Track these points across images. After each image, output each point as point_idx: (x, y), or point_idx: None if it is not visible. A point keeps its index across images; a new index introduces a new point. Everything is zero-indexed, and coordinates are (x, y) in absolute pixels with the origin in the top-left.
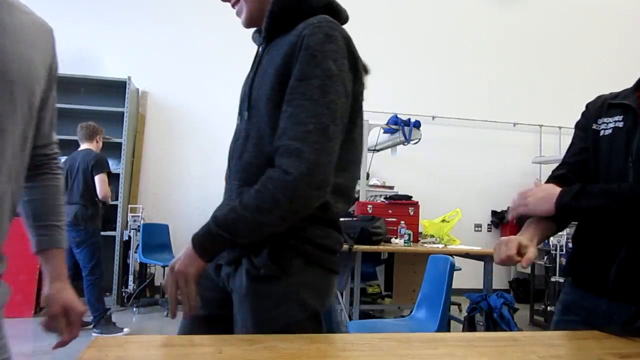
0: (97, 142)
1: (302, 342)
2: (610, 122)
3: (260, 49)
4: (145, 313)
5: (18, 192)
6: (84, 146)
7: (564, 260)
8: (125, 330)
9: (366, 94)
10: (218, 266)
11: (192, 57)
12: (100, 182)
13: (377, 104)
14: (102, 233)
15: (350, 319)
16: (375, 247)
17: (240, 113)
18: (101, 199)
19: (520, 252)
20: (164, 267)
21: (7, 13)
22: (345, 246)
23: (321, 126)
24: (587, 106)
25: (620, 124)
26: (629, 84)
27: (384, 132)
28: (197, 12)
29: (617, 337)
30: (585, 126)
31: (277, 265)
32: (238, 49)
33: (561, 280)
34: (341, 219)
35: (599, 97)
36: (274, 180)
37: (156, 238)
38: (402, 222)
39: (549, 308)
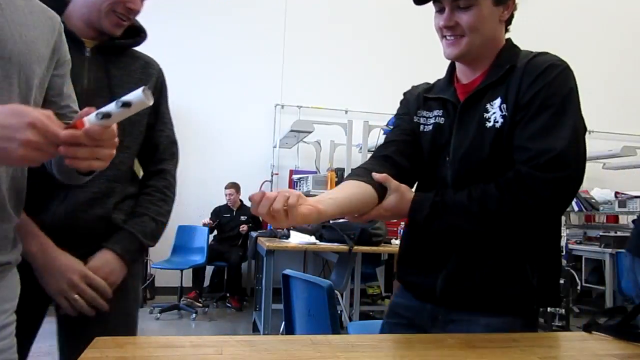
0: None
1: (303, 343)
2: (430, 117)
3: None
4: (147, 314)
5: (19, 174)
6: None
7: (564, 262)
8: None
9: (366, 95)
10: None
11: (192, 58)
12: None
13: (377, 105)
14: None
15: (351, 320)
16: (376, 248)
17: None
18: None
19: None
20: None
21: None
22: (346, 247)
23: None
24: (405, 95)
25: (441, 120)
26: (629, 84)
27: (384, 133)
28: (198, 12)
29: (616, 339)
30: (407, 113)
31: None
32: (238, 50)
33: (561, 281)
34: (341, 220)
35: (414, 88)
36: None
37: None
38: (402, 223)
39: (549, 309)
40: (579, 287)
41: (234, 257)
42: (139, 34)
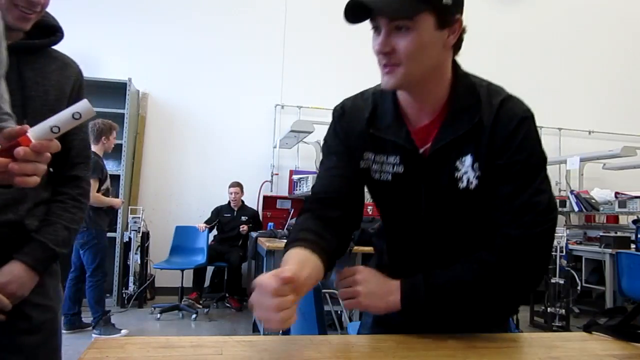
0: (103, 143)
1: (303, 343)
2: (386, 164)
3: None
4: (147, 314)
5: None
6: (91, 149)
7: (564, 262)
8: (124, 332)
9: None
10: None
11: (192, 58)
12: None
13: None
14: None
15: (351, 320)
16: None
17: None
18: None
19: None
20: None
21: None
22: None
23: None
24: (339, 118)
25: (400, 169)
26: (629, 85)
27: None
28: (198, 13)
29: (616, 340)
30: (345, 151)
31: None
32: (238, 50)
33: (561, 281)
34: None
35: (351, 112)
36: None
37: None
38: None
39: (549, 309)
40: (579, 288)
41: (234, 257)
42: (54, 32)
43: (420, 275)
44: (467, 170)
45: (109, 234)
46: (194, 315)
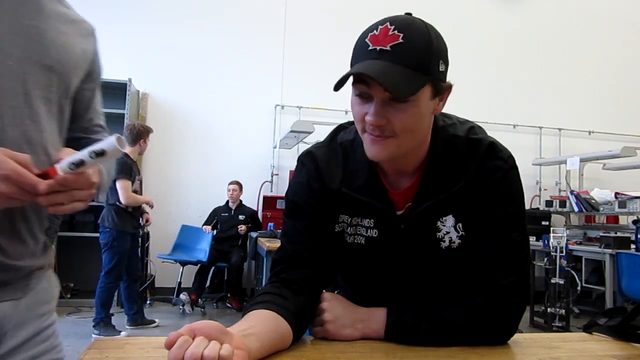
0: (140, 145)
1: (303, 343)
2: (360, 228)
3: None
4: (147, 314)
5: None
6: (125, 150)
7: (564, 262)
8: (123, 334)
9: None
10: None
11: (192, 58)
12: (119, 188)
13: None
14: None
15: None
16: None
17: None
18: (124, 205)
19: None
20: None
21: (48, 1)
22: None
23: None
24: (315, 184)
25: (374, 233)
26: (629, 85)
27: None
28: (198, 14)
29: (615, 340)
30: (314, 210)
31: None
32: (238, 50)
33: (561, 282)
34: None
35: (326, 172)
36: None
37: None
38: None
39: (549, 310)
40: (579, 288)
41: (235, 258)
42: None
43: (410, 312)
44: (449, 230)
45: None
46: (187, 308)
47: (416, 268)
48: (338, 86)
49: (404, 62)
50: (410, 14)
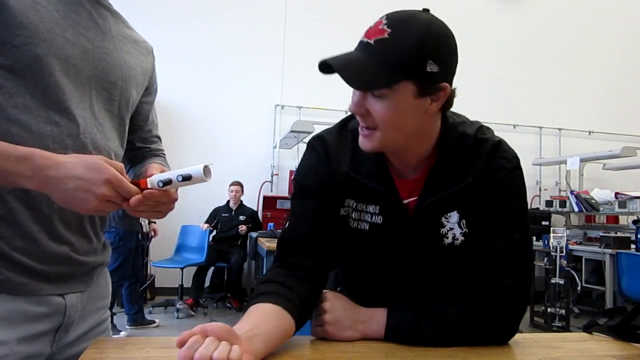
0: None
1: (303, 343)
2: (365, 213)
3: None
4: (147, 314)
5: None
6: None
7: (564, 262)
8: (122, 333)
9: None
10: None
11: (192, 58)
12: None
13: None
14: None
15: None
16: None
17: None
18: None
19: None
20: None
21: (114, 23)
22: None
23: None
24: (324, 167)
25: (378, 219)
26: (629, 85)
27: None
28: (198, 14)
29: (616, 340)
30: (321, 193)
31: None
32: (239, 50)
33: (561, 282)
34: None
35: (335, 156)
36: None
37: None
38: None
39: (549, 310)
40: (579, 288)
41: (235, 258)
42: None
43: (410, 313)
44: (453, 226)
45: None
46: (178, 313)
47: (417, 260)
48: (322, 70)
49: (381, 57)
50: (426, 10)
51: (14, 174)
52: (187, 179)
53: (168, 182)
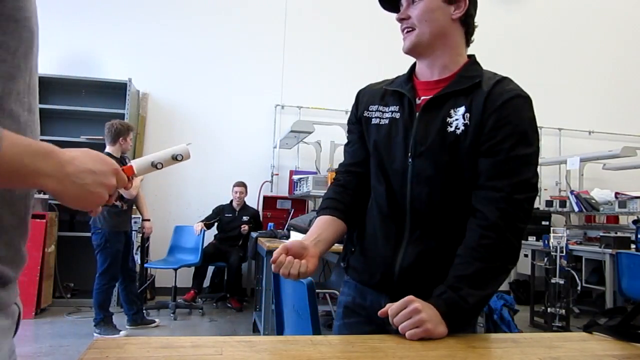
0: (120, 144)
1: (303, 344)
2: (386, 112)
3: None
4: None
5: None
6: (106, 149)
7: (564, 262)
8: (122, 332)
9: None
10: None
11: (192, 58)
12: None
13: None
14: None
15: None
16: None
17: None
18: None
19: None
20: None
21: None
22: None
23: None
24: (358, 95)
25: (397, 115)
26: (629, 85)
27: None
28: (198, 13)
29: (616, 340)
30: (356, 116)
31: None
32: (239, 50)
33: (561, 281)
34: None
35: (371, 85)
36: None
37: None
38: None
39: (549, 309)
40: (579, 288)
41: (234, 257)
42: None
43: (447, 293)
44: (458, 117)
45: None
46: (193, 315)
47: (424, 146)
48: (382, 5)
49: None
50: None
51: (36, 173)
52: (176, 158)
53: (160, 165)
